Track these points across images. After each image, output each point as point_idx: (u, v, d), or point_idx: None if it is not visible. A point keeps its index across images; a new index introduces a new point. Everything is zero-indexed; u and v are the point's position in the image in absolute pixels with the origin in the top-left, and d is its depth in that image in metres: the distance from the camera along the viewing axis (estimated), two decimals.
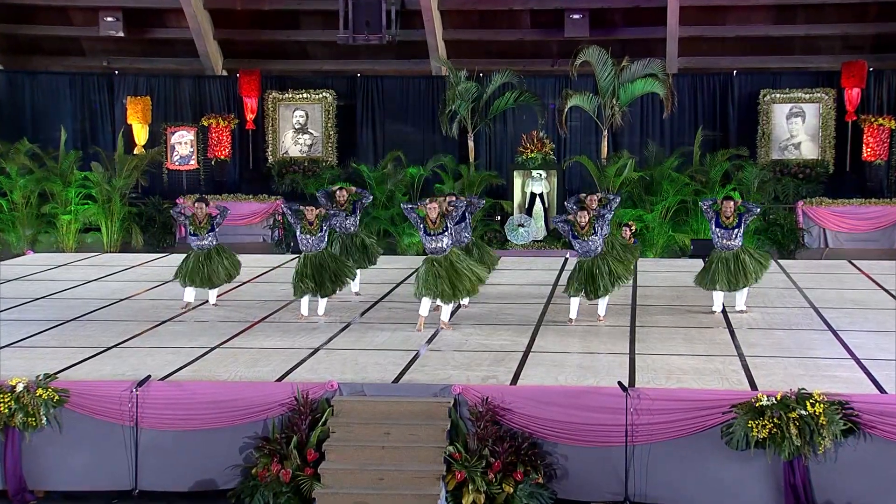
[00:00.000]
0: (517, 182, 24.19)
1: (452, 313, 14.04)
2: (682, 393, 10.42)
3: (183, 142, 26.40)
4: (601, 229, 13.68)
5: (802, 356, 11.99)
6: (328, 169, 25.50)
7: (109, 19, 25.86)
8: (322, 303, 14.26)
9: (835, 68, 25.06)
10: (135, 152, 25.44)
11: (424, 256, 13.58)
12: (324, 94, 26.13)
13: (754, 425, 9.88)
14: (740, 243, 14.08)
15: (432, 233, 13.25)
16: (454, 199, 14.34)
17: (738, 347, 12.40)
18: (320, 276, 13.97)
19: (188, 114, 26.56)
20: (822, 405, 9.87)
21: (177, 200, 25.03)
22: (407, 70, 26.91)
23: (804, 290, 16.35)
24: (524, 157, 24.04)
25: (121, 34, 26.03)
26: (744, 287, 14.19)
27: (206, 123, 26.17)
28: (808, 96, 25.02)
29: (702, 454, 10.23)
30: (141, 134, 25.91)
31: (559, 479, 10.44)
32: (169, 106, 26.60)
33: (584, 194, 15.03)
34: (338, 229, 15.03)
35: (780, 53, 26.04)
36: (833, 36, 25.58)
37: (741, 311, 14.23)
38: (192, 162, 26.35)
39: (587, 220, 13.58)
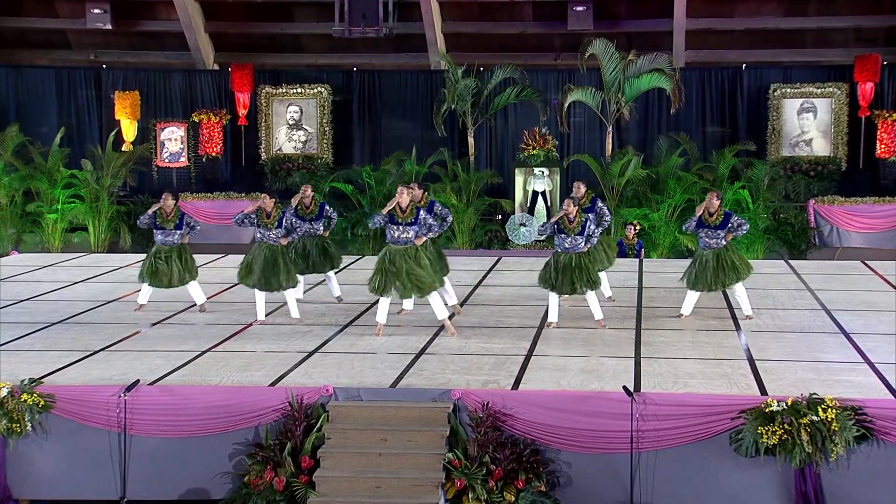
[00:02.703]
0: (518, 180, 24.20)
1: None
2: (689, 398, 10.43)
3: (173, 138, 26.41)
4: (587, 229, 13.58)
5: (814, 360, 11.99)
6: (324, 166, 25.50)
7: (97, 11, 25.85)
8: (293, 302, 14.23)
9: (847, 62, 25.06)
10: (123, 149, 25.43)
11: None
12: (319, 88, 26.13)
13: (764, 431, 9.88)
14: (725, 243, 13.98)
15: (400, 222, 13.08)
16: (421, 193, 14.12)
17: (747, 351, 12.41)
18: (267, 272, 13.91)
19: (178, 109, 26.56)
20: (834, 411, 9.87)
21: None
22: (405, 64, 26.92)
23: (816, 291, 16.36)
24: (526, 155, 24.05)
25: (109, 27, 26.04)
26: (721, 289, 14.10)
27: (196, 119, 26.16)
28: (819, 91, 25.02)
29: (710, 461, 10.24)
30: (129, 130, 25.90)
31: (562, 486, 10.44)
32: (158, 101, 26.60)
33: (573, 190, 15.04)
34: (297, 234, 14.85)
35: (791, 46, 26.05)
36: (846, 28, 25.59)
37: (748, 317, 14.20)
38: (183, 159, 26.35)
39: (575, 212, 13.50)
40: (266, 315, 14.24)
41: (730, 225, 13.79)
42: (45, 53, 27.67)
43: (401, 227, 13.04)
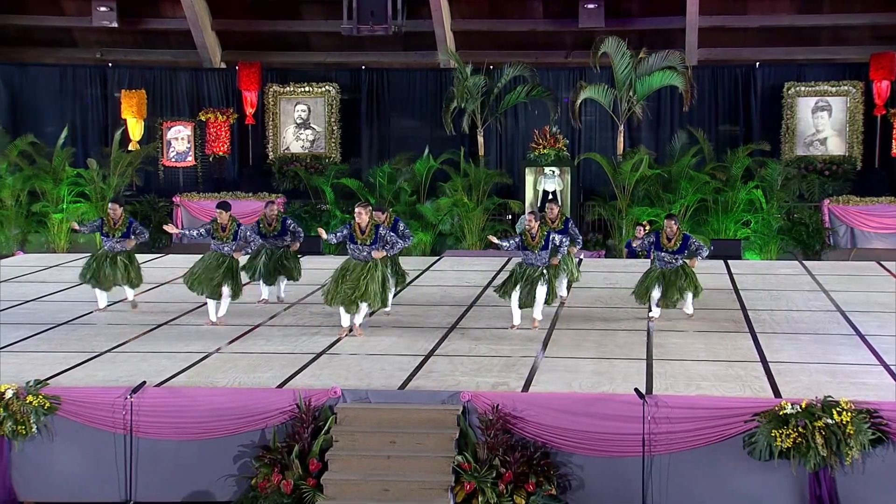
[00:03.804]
0: (529, 179, 24.20)
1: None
2: (702, 400, 10.41)
3: (179, 137, 26.47)
4: (551, 242, 13.55)
5: (828, 362, 11.97)
6: (332, 165, 25.53)
7: (103, 9, 25.95)
8: (224, 305, 14.26)
9: (863, 60, 25.02)
10: (129, 148, 25.50)
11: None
12: (327, 87, 26.17)
13: (778, 434, 9.86)
14: (680, 263, 13.98)
15: (359, 242, 13.11)
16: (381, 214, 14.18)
17: (760, 353, 12.38)
18: (211, 277, 13.98)
19: (185, 108, 26.64)
20: (849, 413, 9.85)
21: (173, 198, 25.19)
22: (414, 62, 26.96)
23: (830, 292, 16.33)
24: (536, 154, 24.05)
25: (114, 25, 26.13)
26: (675, 305, 14.10)
27: (203, 118, 26.24)
28: (834, 89, 24.99)
29: (723, 465, 10.22)
30: (135, 129, 25.97)
31: (573, 490, 10.43)
32: (165, 100, 26.67)
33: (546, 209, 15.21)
34: (251, 248, 15.05)
35: (806, 44, 26.03)
36: (861, 26, 25.56)
37: (689, 315, 14.18)
38: (190, 158, 26.42)
39: (537, 227, 13.50)
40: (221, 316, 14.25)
41: (689, 248, 13.81)
42: (50, 52, 27.77)
43: (360, 247, 13.12)
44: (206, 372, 11.65)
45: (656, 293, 14.01)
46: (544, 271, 13.63)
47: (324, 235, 13.52)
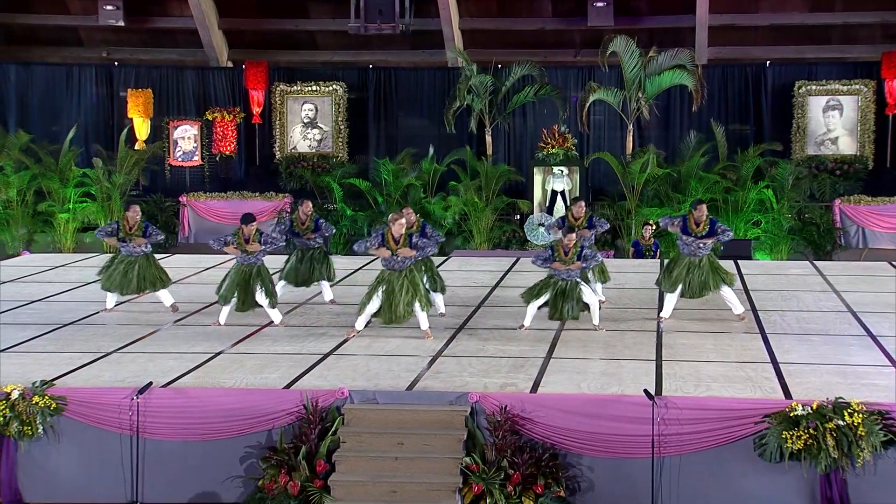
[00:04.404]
0: (537, 179, 24.20)
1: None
2: (711, 402, 10.40)
3: (186, 137, 26.51)
4: (584, 258, 13.46)
5: (839, 363, 11.94)
6: (339, 165, 25.55)
7: (109, 8, 26.00)
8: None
9: (874, 58, 24.98)
10: (136, 148, 25.54)
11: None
12: (334, 86, 26.19)
13: (789, 436, 9.85)
14: (708, 251, 13.97)
15: (393, 252, 13.03)
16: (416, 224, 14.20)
17: (770, 354, 12.37)
18: (244, 292, 14.03)
19: (191, 107, 26.68)
20: (860, 415, 9.83)
21: (179, 198, 25.23)
22: (421, 61, 26.97)
23: (841, 292, 16.29)
24: (545, 153, 24.04)
25: (121, 23, 26.18)
26: (705, 295, 14.06)
27: (210, 117, 26.27)
28: (845, 88, 24.94)
29: (733, 467, 10.21)
30: (142, 128, 26.03)
31: (582, 492, 10.43)
32: (171, 99, 26.72)
33: (571, 208, 15.02)
34: (297, 244, 15.25)
35: (817, 43, 25.99)
36: (873, 24, 25.51)
37: (740, 317, 14.15)
38: (196, 158, 26.46)
39: (574, 243, 13.42)
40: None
41: (716, 232, 13.79)
42: (56, 50, 27.84)
43: (393, 258, 13.06)
44: (212, 372, 11.67)
45: (684, 291, 13.95)
46: (580, 284, 13.53)
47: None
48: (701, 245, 13.84)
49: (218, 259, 19.18)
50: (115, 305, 15.14)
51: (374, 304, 13.15)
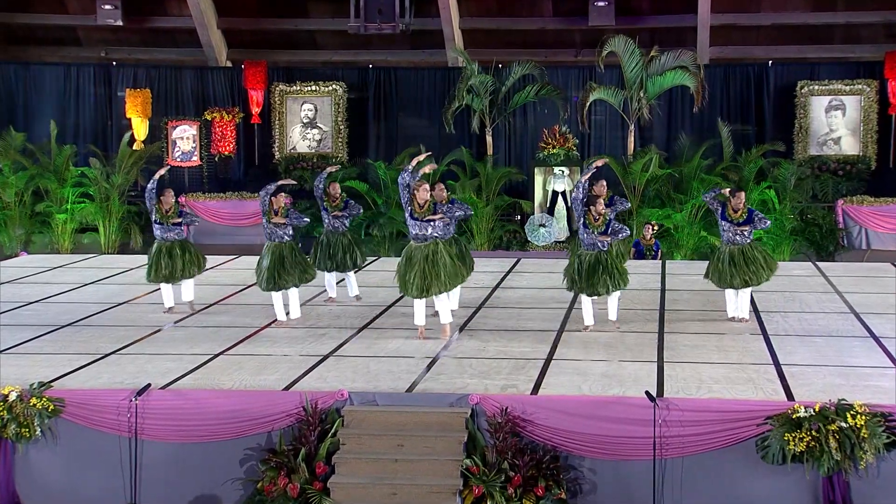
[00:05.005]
0: (538, 179, 24.20)
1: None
2: (713, 403, 10.39)
3: (185, 137, 26.51)
4: (613, 231, 13.50)
5: (842, 364, 11.93)
6: (338, 165, 25.53)
7: (107, 7, 26.01)
8: (294, 300, 14.27)
9: (877, 58, 24.98)
10: (134, 148, 25.55)
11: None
12: (333, 86, 26.20)
13: (791, 438, 9.84)
14: (750, 240, 13.97)
15: (418, 217, 13.00)
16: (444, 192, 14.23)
17: (773, 355, 12.36)
18: (282, 268, 14.04)
19: (190, 107, 26.69)
20: (863, 417, 9.83)
21: (180, 199, 25.16)
22: (421, 61, 26.98)
23: (844, 294, 16.28)
24: (546, 153, 24.04)
25: (119, 23, 26.19)
26: (756, 284, 14.04)
27: (209, 118, 26.28)
28: (848, 88, 24.94)
29: (735, 469, 10.20)
30: (140, 129, 26.03)
31: (583, 494, 10.42)
32: (170, 99, 26.73)
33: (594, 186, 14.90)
34: (325, 222, 15.34)
35: (819, 42, 26.00)
36: (875, 24, 25.52)
37: (743, 320, 14.12)
38: (195, 158, 26.46)
39: (602, 210, 13.49)
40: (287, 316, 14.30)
41: (753, 220, 13.84)
42: (54, 50, 27.85)
43: (419, 224, 12.99)
44: (211, 374, 11.66)
45: (736, 284, 13.94)
46: (605, 256, 13.51)
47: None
48: (740, 232, 13.86)
49: (218, 259, 19.19)
50: (172, 307, 14.96)
51: (418, 286, 12.88)
